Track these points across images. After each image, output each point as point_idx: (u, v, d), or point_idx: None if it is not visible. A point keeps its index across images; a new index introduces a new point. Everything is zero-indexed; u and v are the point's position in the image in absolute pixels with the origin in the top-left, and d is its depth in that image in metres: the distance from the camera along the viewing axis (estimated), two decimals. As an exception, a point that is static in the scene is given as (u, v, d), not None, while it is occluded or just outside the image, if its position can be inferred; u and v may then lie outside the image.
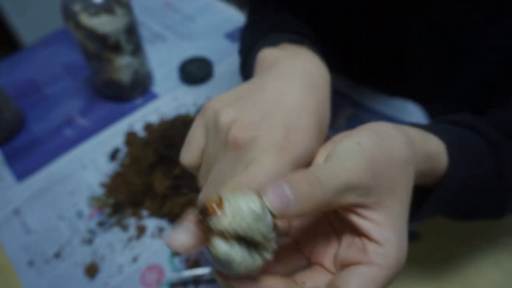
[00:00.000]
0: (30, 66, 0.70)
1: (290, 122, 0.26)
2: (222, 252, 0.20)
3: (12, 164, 0.56)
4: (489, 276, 0.43)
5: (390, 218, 0.22)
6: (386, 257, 0.22)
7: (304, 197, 0.20)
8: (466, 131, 0.32)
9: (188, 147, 0.29)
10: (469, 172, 0.30)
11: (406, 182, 0.24)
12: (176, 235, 0.21)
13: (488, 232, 0.46)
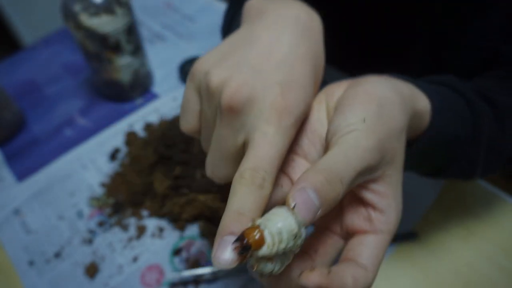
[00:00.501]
0: (30, 66, 0.70)
1: (284, 77, 0.25)
2: (266, 270, 0.20)
3: (12, 164, 0.56)
4: (489, 276, 0.43)
5: (391, 187, 0.24)
6: (389, 224, 0.24)
7: (328, 199, 0.20)
8: (449, 91, 0.33)
9: (185, 115, 0.29)
10: (448, 127, 0.31)
11: (402, 149, 0.25)
12: (224, 255, 0.20)
13: (488, 232, 0.46)
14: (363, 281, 0.22)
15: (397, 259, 0.45)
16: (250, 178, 0.22)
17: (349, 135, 0.23)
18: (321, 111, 0.27)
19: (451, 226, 0.47)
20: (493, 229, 0.47)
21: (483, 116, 0.33)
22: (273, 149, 0.23)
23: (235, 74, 0.25)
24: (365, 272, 0.23)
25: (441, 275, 0.44)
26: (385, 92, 0.24)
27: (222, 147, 0.26)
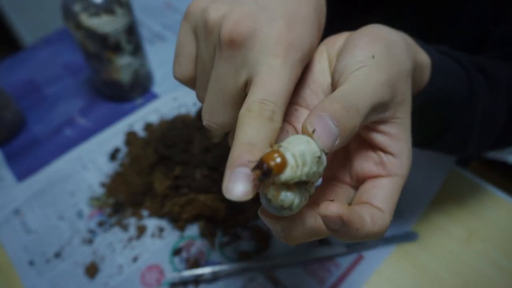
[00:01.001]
0: (30, 66, 0.70)
1: (290, 12, 0.23)
2: (287, 201, 0.19)
3: (12, 164, 0.56)
4: (489, 276, 0.43)
5: (402, 130, 0.23)
6: (402, 167, 0.23)
7: (346, 128, 0.20)
8: (446, 56, 0.33)
9: (178, 60, 0.26)
10: (448, 86, 0.30)
11: (410, 93, 0.24)
12: (236, 186, 0.18)
13: (488, 232, 0.46)
14: (380, 222, 0.21)
15: (397, 259, 0.45)
16: (259, 111, 0.20)
17: (359, 70, 0.22)
18: (322, 61, 0.26)
19: (451, 226, 0.47)
20: (493, 229, 0.47)
21: (478, 83, 0.33)
22: (280, 83, 0.22)
23: (236, 7, 0.23)
24: (382, 214, 0.21)
25: (441, 275, 0.44)
26: (392, 35, 0.24)
27: (221, 88, 0.23)
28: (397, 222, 0.48)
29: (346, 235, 0.20)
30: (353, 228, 0.19)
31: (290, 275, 0.44)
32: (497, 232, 0.46)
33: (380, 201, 0.22)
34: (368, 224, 0.20)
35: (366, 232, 0.20)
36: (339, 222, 0.19)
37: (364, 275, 0.44)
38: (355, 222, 0.19)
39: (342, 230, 0.19)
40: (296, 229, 0.21)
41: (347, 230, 0.19)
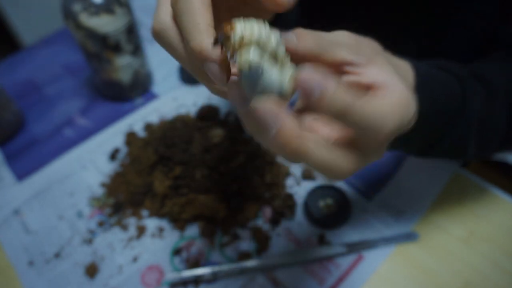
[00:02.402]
0: (30, 66, 0.70)
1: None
2: (251, 57, 0.20)
3: (12, 164, 0.56)
4: (489, 277, 0.43)
5: (386, 69, 0.24)
6: (395, 85, 0.23)
7: (304, 38, 0.22)
8: (437, 68, 0.33)
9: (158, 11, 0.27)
10: (435, 99, 0.31)
11: (384, 54, 0.25)
12: (211, 68, 0.22)
13: (489, 233, 0.46)
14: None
15: (397, 259, 0.45)
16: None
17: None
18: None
19: (451, 226, 0.47)
20: (493, 229, 0.47)
21: (474, 92, 0.33)
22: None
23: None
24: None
25: (441, 275, 0.44)
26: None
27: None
28: (397, 222, 0.48)
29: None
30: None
31: (290, 275, 0.44)
32: (498, 233, 0.46)
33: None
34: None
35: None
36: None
37: (364, 275, 0.44)
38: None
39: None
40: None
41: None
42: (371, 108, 0.20)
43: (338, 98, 0.19)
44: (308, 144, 0.21)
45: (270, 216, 0.49)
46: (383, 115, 0.20)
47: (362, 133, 0.21)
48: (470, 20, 0.42)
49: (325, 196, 0.49)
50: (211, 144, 0.50)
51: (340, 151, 0.22)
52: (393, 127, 0.21)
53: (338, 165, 0.21)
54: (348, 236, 0.47)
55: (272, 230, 0.48)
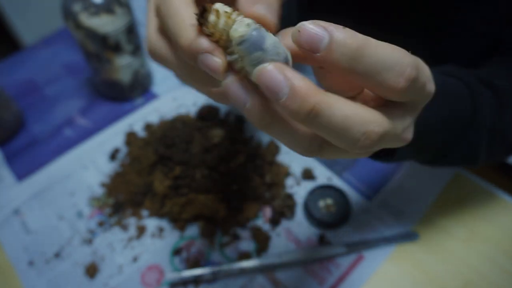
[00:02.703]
0: (30, 66, 0.70)
1: None
2: (249, 21, 0.20)
3: (12, 164, 0.56)
4: (489, 277, 0.43)
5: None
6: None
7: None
8: (446, 75, 0.33)
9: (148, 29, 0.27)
10: (446, 107, 0.30)
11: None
12: (205, 61, 0.21)
13: (489, 233, 0.46)
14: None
15: (397, 259, 0.45)
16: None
17: None
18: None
19: (451, 226, 0.47)
20: (494, 229, 0.47)
21: (483, 99, 0.33)
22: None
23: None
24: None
25: (441, 275, 0.44)
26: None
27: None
28: (397, 222, 0.48)
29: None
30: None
31: (290, 275, 0.44)
32: (497, 233, 0.46)
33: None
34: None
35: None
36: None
37: (364, 275, 0.44)
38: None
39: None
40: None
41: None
42: (387, 46, 0.19)
43: (349, 40, 0.18)
44: (329, 97, 0.19)
45: (270, 216, 0.49)
46: (400, 55, 0.19)
47: (381, 80, 0.19)
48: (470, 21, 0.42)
49: (325, 196, 0.49)
50: (211, 144, 0.50)
51: (364, 107, 0.20)
52: (416, 74, 0.19)
53: (365, 118, 0.19)
54: (348, 236, 0.47)
55: (272, 230, 0.48)
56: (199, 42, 0.21)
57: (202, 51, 0.21)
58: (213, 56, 0.21)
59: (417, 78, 0.19)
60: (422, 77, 0.20)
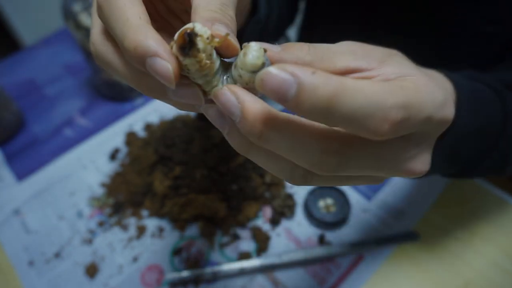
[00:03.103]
0: (30, 66, 0.70)
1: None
2: (262, 59, 0.18)
3: (12, 164, 0.56)
4: (488, 277, 0.43)
5: (402, 66, 0.20)
6: (415, 75, 0.19)
7: (291, 48, 0.19)
8: (476, 82, 0.31)
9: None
10: (480, 115, 0.29)
11: (403, 56, 0.22)
12: (155, 65, 0.18)
13: (489, 233, 0.46)
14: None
15: (397, 259, 0.45)
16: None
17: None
18: None
19: (452, 226, 0.47)
20: (494, 230, 0.47)
21: (509, 102, 0.32)
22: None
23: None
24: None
25: (441, 275, 0.44)
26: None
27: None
28: (397, 222, 0.48)
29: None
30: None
31: (290, 275, 0.44)
32: (498, 233, 0.46)
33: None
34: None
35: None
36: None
37: (364, 275, 0.44)
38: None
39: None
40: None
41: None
42: (367, 88, 0.16)
43: (321, 88, 0.15)
44: (278, 122, 0.18)
45: (270, 216, 0.49)
46: (382, 97, 0.16)
47: (361, 127, 0.17)
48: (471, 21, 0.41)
49: (325, 196, 0.49)
50: (211, 144, 0.50)
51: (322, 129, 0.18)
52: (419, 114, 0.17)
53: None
54: (348, 236, 0.47)
55: (272, 230, 0.48)
56: (146, 44, 0.18)
57: (150, 54, 0.18)
58: (163, 60, 0.18)
59: (407, 118, 0.17)
60: (416, 113, 0.18)
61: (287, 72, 0.15)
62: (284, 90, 0.15)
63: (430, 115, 0.19)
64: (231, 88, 0.18)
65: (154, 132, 0.56)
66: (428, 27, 0.45)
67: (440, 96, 0.19)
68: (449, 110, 0.20)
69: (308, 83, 0.15)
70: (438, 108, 0.19)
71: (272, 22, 0.43)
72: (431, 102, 0.18)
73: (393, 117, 0.17)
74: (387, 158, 0.19)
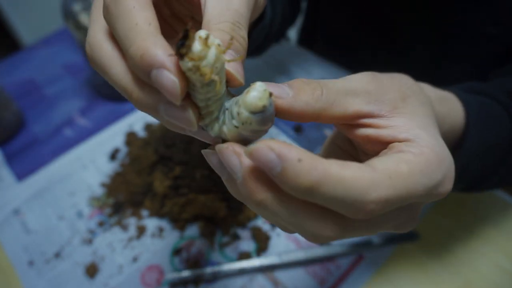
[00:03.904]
0: (30, 66, 0.70)
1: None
2: (267, 101, 0.18)
3: (12, 164, 0.56)
4: (488, 277, 0.43)
5: (413, 121, 0.20)
6: (419, 146, 0.19)
7: (302, 93, 0.19)
8: (485, 98, 0.31)
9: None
10: (487, 133, 0.29)
11: (418, 96, 0.22)
12: (161, 78, 0.17)
13: (489, 234, 0.46)
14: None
15: (398, 259, 0.45)
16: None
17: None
18: None
19: (452, 227, 0.47)
20: (494, 230, 0.47)
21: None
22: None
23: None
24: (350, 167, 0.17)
25: (442, 275, 0.44)
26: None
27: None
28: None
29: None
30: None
31: (290, 275, 0.44)
32: (497, 233, 0.46)
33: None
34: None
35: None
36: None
37: (364, 275, 0.44)
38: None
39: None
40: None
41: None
42: (350, 179, 0.17)
43: (303, 176, 0.16)
44: (273, 196, 0.18)
45: (270, 216, 0.48)
46: (364, 191, 0.17)
47: (338, 210, 0.17)
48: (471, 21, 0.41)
49: (325, 196, 0.49)
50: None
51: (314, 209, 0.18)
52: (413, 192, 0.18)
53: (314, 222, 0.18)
54: (348, 236, 0.47)
55: (272, 230, 0.48)
56: (154, 53, 0.17)
57: (157, 65, 0.17)
58: (171, 74, 0.17)
59: (387, 207, 0.18)
60: (401, 201, 0.18)
61: (274, 152, 0.16)
62: (270, 167, 0.16)
63: (420, 196, 0.19)
64: (236, 149, 0.18)
65: (154, 132, 0.56)
66: (428, 27, 0.45)
67: (438, 175, 0.19)
68: (446, 187, 0.20)
69: (291, 170, 0.16)
70: (432, 188, 0.19)
71: (276, 25, 0.43)
72: (423, 185, 0.18)
73: (370, 209, 0.17)
74: (378, 226, 0.19)
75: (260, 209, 0.18)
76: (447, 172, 0.19)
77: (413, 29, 0.47)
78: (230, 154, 0.18)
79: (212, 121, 0.20)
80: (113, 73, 0.21)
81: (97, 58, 0.21)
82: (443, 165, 0.19)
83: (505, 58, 0.41)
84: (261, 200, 0.18)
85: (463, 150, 0.28)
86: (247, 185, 0.18)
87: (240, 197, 0.20)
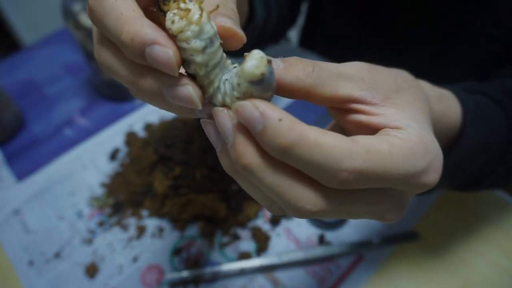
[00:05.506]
0: (30, 66, 0.70)
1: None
2: (264, 68, 0.18)
3: (12, 164, 0.56)
4: (488, 277, 0.43)
5: (405, 112, 0.21)
6: (408, 134, 0.19)
7: (293, 68, 0.19)
8: (481, 97, 0.31)
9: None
10: (484, 131, 0.29)
11: (414, 90, 0.22)
12: (155, 53, 0.18)
13: (489, 233, 0.46)
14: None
15: (397, 259, 0.45)
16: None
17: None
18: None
19: (452, 226, 0.47)
20: (494, 230, 0.47)
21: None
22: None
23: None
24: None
25: (441, 275, 0.44)
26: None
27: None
28: (397, 222, 0.48)
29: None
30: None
31: (290, 275, 0.44)
32: (498, 233, 0.46)
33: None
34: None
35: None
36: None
37: (364, 275, 0.44)
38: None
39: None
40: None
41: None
42: (326, 145, 0.17)
43: (281, 135, 0.17)
44: (260, 161, 0.18)
45: (270, 216, 0.49)
46: (339, 158, 0.17)
47: (313, 175, 0.18)
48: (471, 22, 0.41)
49: (325, 196, 0.49)
50: (211, 144, 0.50)
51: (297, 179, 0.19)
52: (398, 174, 0.18)
53: (300, 194, 0.18)
54: (348, 236, 0.47)
55: (272, 230, 0.48)
56: (143, 32, 0.18)
57: (148, 42, 0.18)
58: (162, 46, 0.18)
59: (361, 180, 0.18)
60: (376, 178, 0.18)
61: (258, 110, 0.17)
62: (253, 124, 0.17)
63: (400, 180, 0.19)
64: (231, 113, 0.19)
65: (154, 132, 0.56)
66: (428, 27, 0.45)
67: (421, 164, 0.19)
68: (431, 177, 0.20)
69: (271, 128, 0.17)
70: (414, 175, 0.19)
71: (271, 25, 0.43)
72: (404, 169, 0.18)
73: (343, 177, 0.17)
74: (359, 206, 0.20)
75: (246, 175, 0.19)
76: (432, 162, 0.20)
77: (413, 29, 0.47)
78: (223, 116, 0.19)
79: (215, 90, 0.20)
80: (117, 71, 0.22)
81: (104, 63, 0.22)
82: (429, 155, 0.19)
83: (505, 59, 0.41)
84: (248, 164, 0.18)
85: (459, 147, 0.29)
86: (236, 147, 0.18)
87: (232, 169, 0.20)
